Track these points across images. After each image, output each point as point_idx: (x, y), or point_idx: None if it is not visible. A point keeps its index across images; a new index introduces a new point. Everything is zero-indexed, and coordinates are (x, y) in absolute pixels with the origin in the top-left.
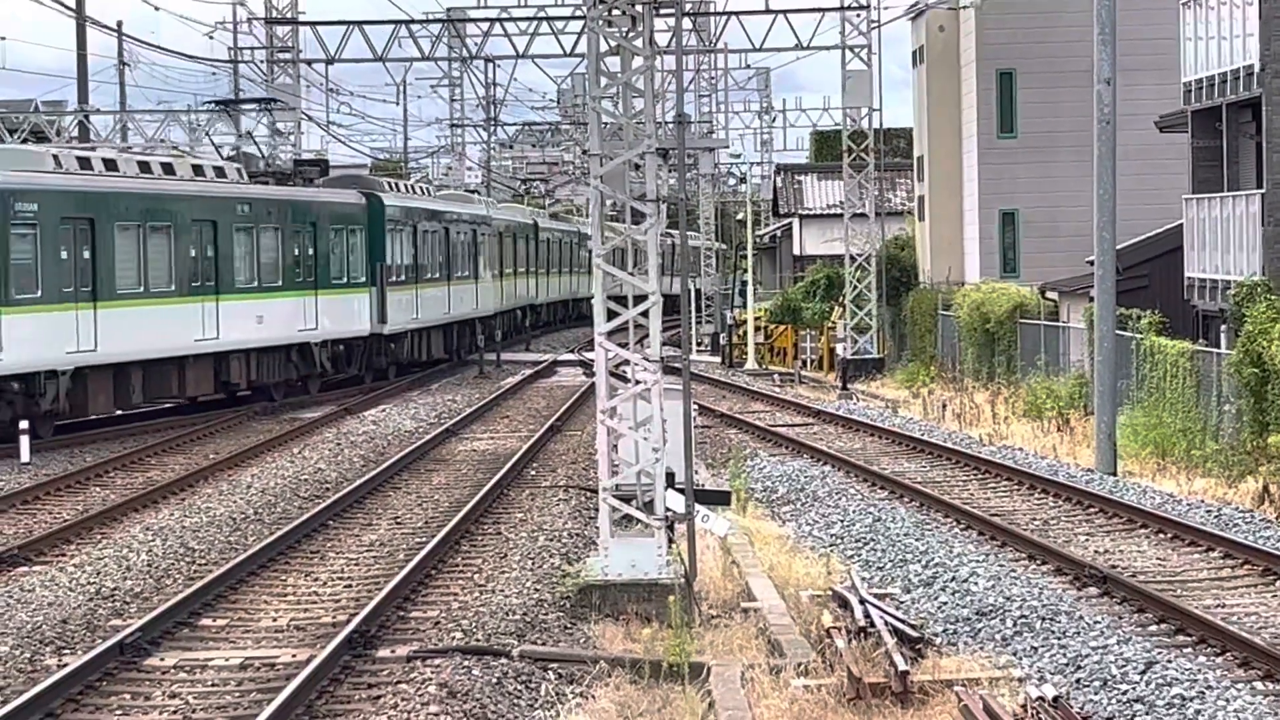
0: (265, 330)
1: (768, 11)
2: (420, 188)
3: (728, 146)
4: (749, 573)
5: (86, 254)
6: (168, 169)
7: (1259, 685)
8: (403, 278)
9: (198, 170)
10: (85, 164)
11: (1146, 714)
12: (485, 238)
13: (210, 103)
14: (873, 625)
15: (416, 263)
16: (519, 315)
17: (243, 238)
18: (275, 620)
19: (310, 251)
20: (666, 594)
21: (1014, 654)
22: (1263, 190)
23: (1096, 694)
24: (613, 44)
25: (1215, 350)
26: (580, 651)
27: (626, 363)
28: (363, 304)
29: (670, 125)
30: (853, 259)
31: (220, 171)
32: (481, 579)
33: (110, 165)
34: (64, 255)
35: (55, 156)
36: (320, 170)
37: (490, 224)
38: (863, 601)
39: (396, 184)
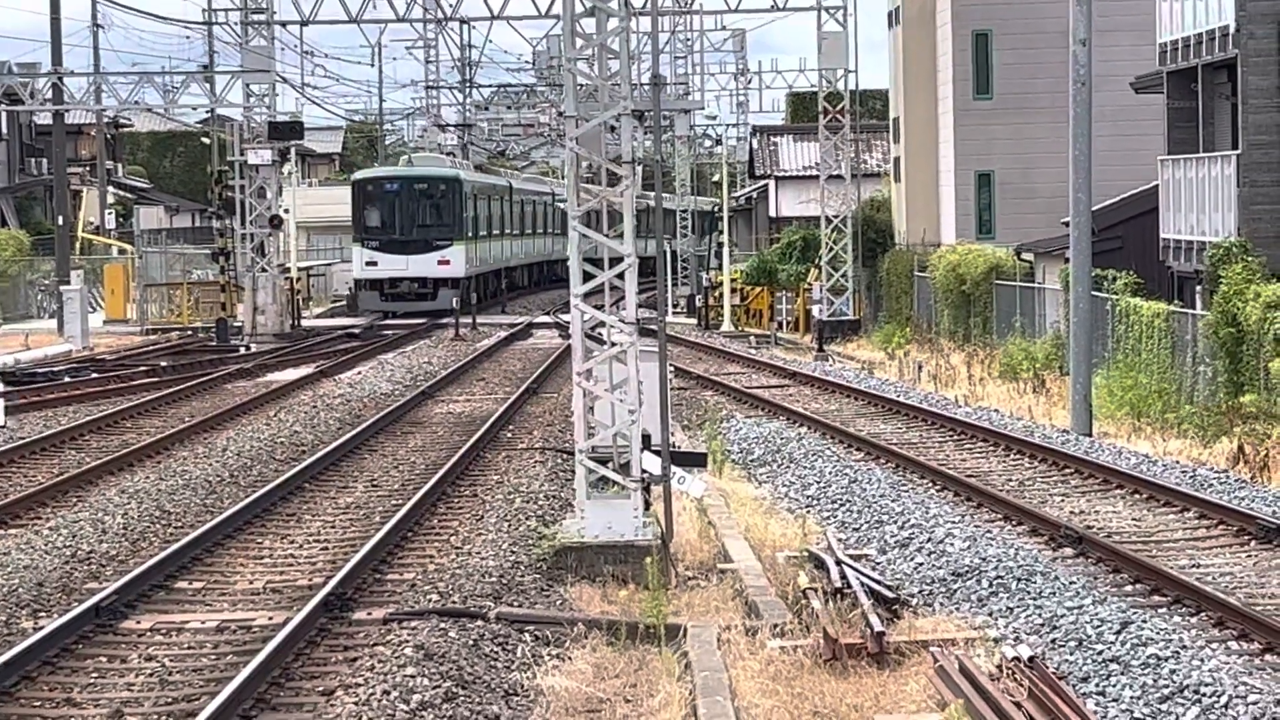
0: (526, 254)
1: None
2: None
3: (703, 108)
4: (725, 534)
5: (487, 213)
6: (484, 169)
7: (1234, 645)
8: (557, 230)
9: (493, 171)
10: (453, 156)
11: (1122, 674)
12: (528, 205)
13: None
14: (849, 586)
15: (544, 223)
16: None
17: (516, 207)
18: (251, 583)
19: (533, 214)
20: (643, 556)
21: (990, 614)
22: (1238, 151)
23: (1072, 654)
24: (588, 5)
25: (1190, 311)
26: (557, 613)
27: (603, 325)
28: (545, 244)
29: (646, 87)
30: (828, 220)
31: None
32: (458, 541)
33: (478, 167)
34: (483, 213)
35: (451, 156)
36: (295, 132)
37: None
38: (839, 562)
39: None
